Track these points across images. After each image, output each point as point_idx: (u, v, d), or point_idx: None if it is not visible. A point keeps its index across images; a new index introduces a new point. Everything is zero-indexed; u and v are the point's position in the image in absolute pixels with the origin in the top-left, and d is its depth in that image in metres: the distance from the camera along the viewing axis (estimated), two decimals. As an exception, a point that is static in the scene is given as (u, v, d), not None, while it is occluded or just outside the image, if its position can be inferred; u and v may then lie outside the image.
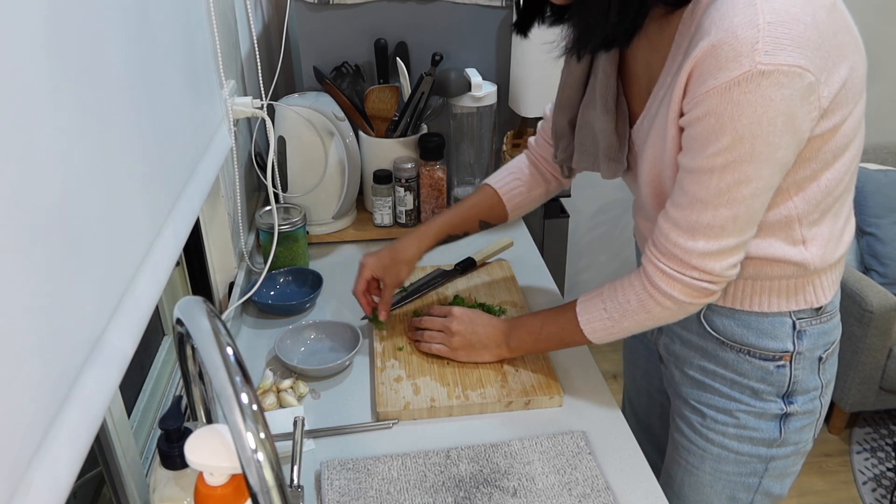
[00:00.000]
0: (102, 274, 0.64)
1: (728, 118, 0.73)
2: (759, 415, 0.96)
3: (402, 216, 1.50)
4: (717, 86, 0.72)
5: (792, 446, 0.98)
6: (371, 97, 1.44)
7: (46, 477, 0.51)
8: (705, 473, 1.02)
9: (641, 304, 0.90)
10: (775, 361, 0.93)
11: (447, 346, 1.10)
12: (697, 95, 0.75)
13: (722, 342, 0.96)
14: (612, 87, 0.93)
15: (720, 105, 0.73)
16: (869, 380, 2.17)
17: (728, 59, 0.71)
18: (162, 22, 0.84)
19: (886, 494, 2.14)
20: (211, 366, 0.52)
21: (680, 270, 0.85)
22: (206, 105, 1.04)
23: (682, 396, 1.03)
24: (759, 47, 0.70)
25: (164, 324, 1.18)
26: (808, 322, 0.92)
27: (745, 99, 0.72)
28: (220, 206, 1.19)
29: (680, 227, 0.83)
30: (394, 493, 0.89)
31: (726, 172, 0.77)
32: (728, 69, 0.71)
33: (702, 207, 0.80)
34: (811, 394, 0.96)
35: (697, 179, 0.79)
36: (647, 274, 0.89)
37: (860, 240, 2.37)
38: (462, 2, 1.47)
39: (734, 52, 0.71)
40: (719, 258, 0.83)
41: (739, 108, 0.72)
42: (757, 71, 0.70)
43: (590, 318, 0.96)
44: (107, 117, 0.66)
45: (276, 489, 0.50)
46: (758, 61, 0.70)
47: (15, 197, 0.49)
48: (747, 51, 0.70)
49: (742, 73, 0.70)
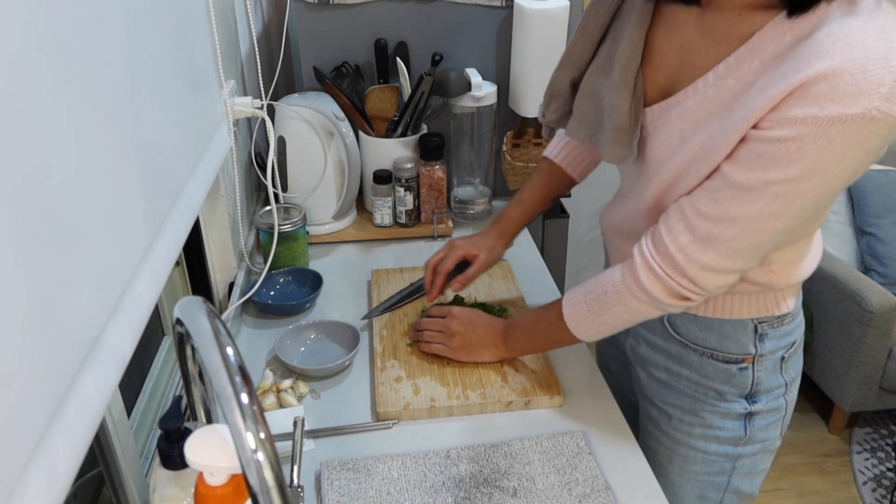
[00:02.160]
0: (102, 273, 0.64)
1: (812, 151, 0.67)
2: (723, 414, 0.96)
3: (402, 216, 1.50)
4: (819, 116, 0.65)
5: (759, 444, 0.98)
6: (371, 97, 1.44)
7: (45, 477, 0.51)
8: (674, 474, 1.03)
9: (618, 296, 0.87)
10: (738, 364, 0.93)
11: (447, 345, 1.10)
12: (791, 117, 0.67)
13: (685, 345, 0.96)
14: (635, 61, 0.84)
15: (812, 136, 0.67)
16: (869, 380, 2.17)
17: (845, 94, 0.64)
18: (162, 21, 0.84)
19: (886, 494, 2.14)
20: (211, 366, 0.52)
21: (671, 275, 0.81)
22: (206, 105, 1.04)
23: (648, 398, 1.04)
24: (883, 91, 0.63)
25: (164, 324, 1.18)
26: (770, 326, 0.92)
27: (840, 139, 0.66)
28: (220, 206, 1.19)
29: (694, 235, 0.78)
30: (394, 494, 0.89)
31: (774, 201, 0.72)
32: (840, 104, 0.64)
33: (729, 225, 0.75)
34: (774, 392, 0.96)
35: (740, 197, 0.74)
36: (632, 266, 0.85)
37: (860, 240, 2.37)
38: (462, 2, 1.47)
39: (856, 88, 0.63)
40: (718, 277, 0.80)
41: (829, 146, 0.66)
42: (869, 116, 0.64)
43: (572, 312, 0.94)
44: (106, 116, 0.66)
45: (276, 489, 0.50)
46: (874, 106, 0.63)
47: (14, 196, 0.49)
48: (869, 91, 0.63)
49: (854, 113, 0.64)
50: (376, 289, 1.30)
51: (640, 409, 1.08)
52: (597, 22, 0.89)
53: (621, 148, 0.87)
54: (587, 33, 0.90)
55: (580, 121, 0.94)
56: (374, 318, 1.22)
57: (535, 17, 1.39)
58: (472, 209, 1.58)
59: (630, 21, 0.84)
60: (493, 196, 1.63)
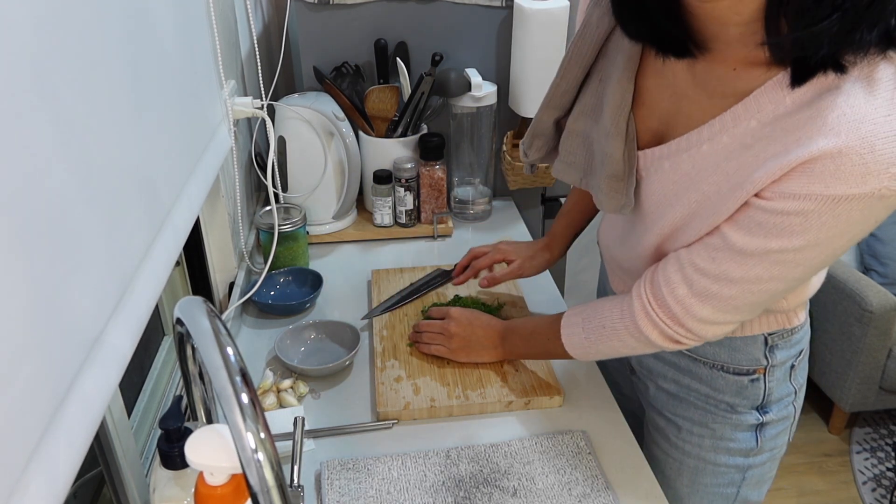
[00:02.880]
0: (102, 273, 0.64)
1: (816, 226, 0.64)
2: (735, 426, 0.95)
3: (402, 216, 1.50)
4: (825, 195, 0.62)
5: (768, 453, 0.98)
6: (371, 97, 1.44)
7: (45, 476, 0.51)
8: (683, 486, 1.02)
9: (615, 332, 0.87)
10: (749, 376, 0.93)
11: (446, 346, 1.10)
12: (794, 193, 0.64)
13: (695, 359, 0.95)
14: (626, 106, 0.80)
15: (816, 213, 0.64)
16: (869, 380, 2.17)
17: (852, 174, 0.60)
18: (162, 21, 0.84)
19: (886, 494, 2.14)
20: (211, 366, 0.52)
21: (668, 324, 0.80)
22: (206, 105, 1.04)
23: (656, 409, 1.03)
24: (893, 171, 0.59)
25: (164, 324, 1.18)
26: (780, 337, 0.91)
27: (847, 216, 0.63)
28: (220, 206, 1.19)
29: (692, 289, 0.76)
30: (394, 493, 0.89)
31: (776, 267, 0.70)
32: (847, 184, 0.61)
33: (728, 284, 0.73)
34: (784, 400, 0.95)
35: (740, 260, 0.71)
36: (631, 309, 0.84)
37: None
38: (462, 2, 1.47)
39: (864, 168, 0.60)
40: (716, 328, 0.79)
41: (834, 221, 0.64)
42: (878, 195, 0.60)
43: (569, 334, 0.93)
44: (106, 117, 0.66)
45: (276, 489, 0.50)
46: (885, 185, 0.60)
47: (14, 196, 0.49)
48: (879, 171, 0.59)
49: (861, 193, 0.61)
50: (376, 289, 1.30)
51: (647, 419, 1.06)
52: (579, 63, 0.85)
53: (618, 196, 0.84)
54: (570, 75, 0.86)
55: (569, 163, 0.91)
56: (374, 318, 1.22)
57: (535, 17, 1.39)
58: (472, 209, 1.58)
59: (617, 64, 0.80)
60: (493, 196, 1.63)
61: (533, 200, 1.73)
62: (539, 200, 1.74)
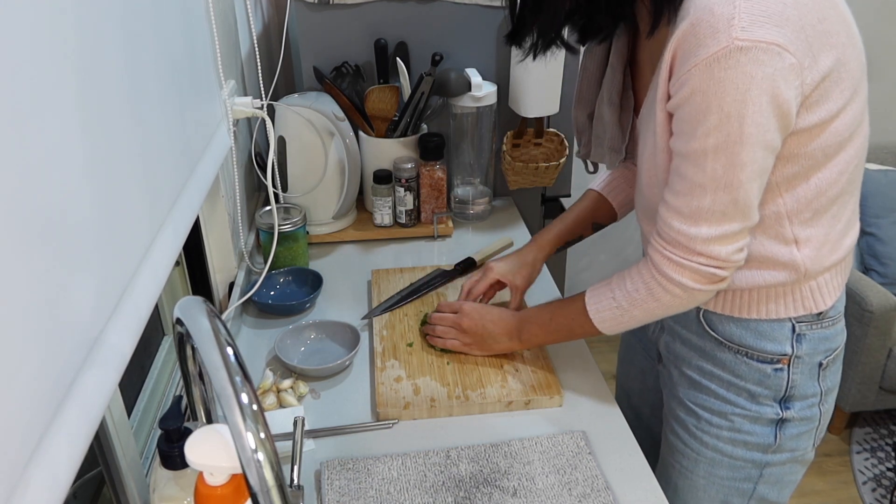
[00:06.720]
0: (101, 273, 0.64)
1: (713, 95, 0.74)
2: (754, 419, 0.96)
3: (402, 216, 1.50)
4: (698, 63, 0.73)
5: (788, 453, 0.97)
6: (371, 97, 1.44)
7: (45, 476, 0.51)
8: (699, 477, 1.02)
9: (650, 292, 0.90)
10: (773, 364, 0.93)
11: (461, 342, 1.11)
12: (681, 75, 0.76)
13: (720, 342, 0.95)
14: (617, 82, 0.96)
15: (703, 82, 0.74)
16: (869, 380, 2.17)
17: (706, 36, 0.72)
18: (161, 21, 0.84)
19: (886, 494, 2.14)
20: (211, 366, 0.52)
21: (686, 257, 0.85)
22: (206, 105, 1.04)
23: (677, 397, 1.03)
24: (735, 23, 0.71)
25: (164, 324, 1.18)
26: (809, 326, 0.91)
27: (726, 76, 0.72)
28: (220, 206, 1.19)
29: (682, 215, 0.83)
30: (394, 493, 0.89)
31: (720, 154, 0.77)
32: (706, 45, 0.72)
33: (701, 192, 0.81)
34: (809, 400, 0.95)
35: (693, 163, 0.80)
36: (654, 263, 0.89)
37: (860, 240, 2.37)
38: (462, 2, 1.47)
39: (711, 28, 0.72)
40: (724, 242, 0.83)
41: (722, 86, 0.73)
42: (735, 47, 0.71)
43: (599, 308, 0.96)
44: (106, 116, 0.66)
45: (276, 489, 0.50)
46: (734, 37, 0.71)
47: (14, 196, 0.49)
48: (724, 26, 0.71)
49: (720, 48, 0.72)
50: (376, 289, 1.30)
51: (667, 408, 1.07)
52: (594, 61, 1.00)
53: (614, 154, 1.02)
54: (589, 72, 1.02)
55: (597, 144, 1.05)
56: (374, 318, 1.22)
57: (535, 17, 1.39)
58: (472, 209, 1.58)
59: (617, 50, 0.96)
60: (493, 196, 1.63)
61: (533, 200, 1.73)
62: (539, 200, 1.74)
